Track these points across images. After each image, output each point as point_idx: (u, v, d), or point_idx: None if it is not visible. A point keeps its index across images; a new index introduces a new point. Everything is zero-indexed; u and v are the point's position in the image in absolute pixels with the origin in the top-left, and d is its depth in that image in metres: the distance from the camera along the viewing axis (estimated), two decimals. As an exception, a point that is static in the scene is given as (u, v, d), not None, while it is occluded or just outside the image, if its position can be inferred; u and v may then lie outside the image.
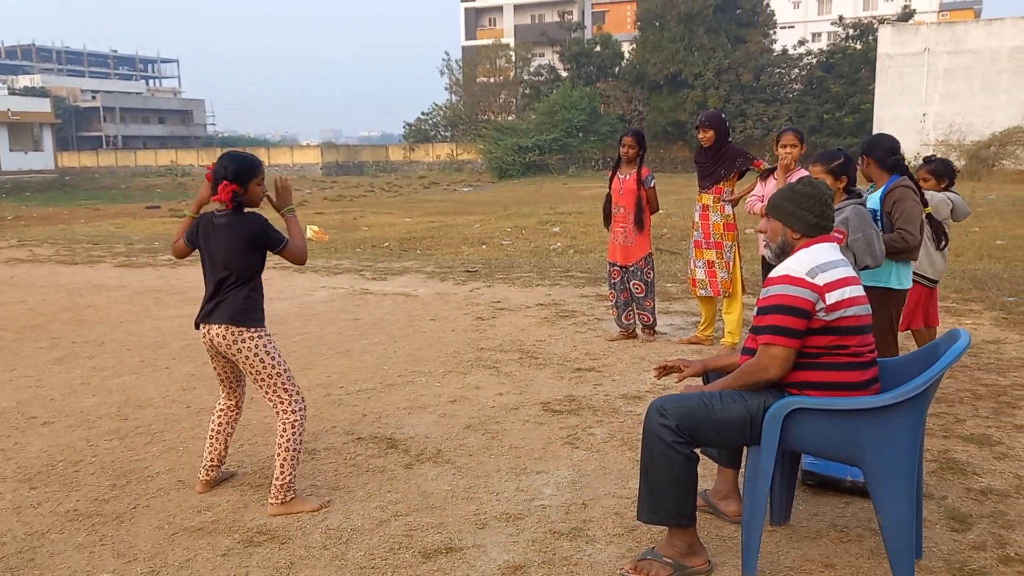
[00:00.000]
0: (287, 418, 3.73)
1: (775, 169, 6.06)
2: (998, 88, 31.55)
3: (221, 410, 3.97)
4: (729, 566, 3.18)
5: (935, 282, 5.57)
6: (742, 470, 3.62)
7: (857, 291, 3.01)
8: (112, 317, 8.15)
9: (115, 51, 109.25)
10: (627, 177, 6.67)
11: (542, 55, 58.69)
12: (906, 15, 44.33)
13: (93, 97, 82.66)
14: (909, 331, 5.63)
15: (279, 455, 3.72)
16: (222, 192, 3.61)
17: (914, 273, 5.30)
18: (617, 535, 3.47)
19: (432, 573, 3.18)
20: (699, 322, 6.79)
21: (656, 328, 6.87)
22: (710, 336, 6.64)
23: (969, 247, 12.11)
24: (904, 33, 34.37)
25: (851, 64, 42.03)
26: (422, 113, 61.10)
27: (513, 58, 59.05)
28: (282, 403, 3.73)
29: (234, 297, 3.68)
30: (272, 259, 3.87)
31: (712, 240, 6.43)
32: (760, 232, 3.39)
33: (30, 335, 7.38)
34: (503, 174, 44.78)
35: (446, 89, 63.30)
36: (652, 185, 6.66)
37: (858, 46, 42.60)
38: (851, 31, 43.76)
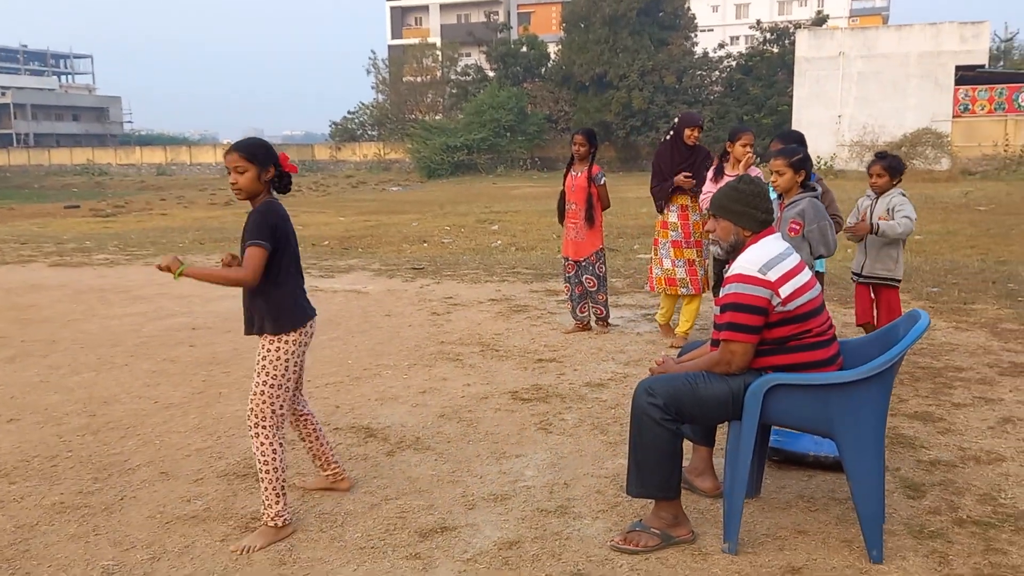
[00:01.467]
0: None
1: (723, 167, 6.33)
2: (908, 91, 32.94)
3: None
4: (709, 535, 3.39)
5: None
6: (716, 448, 3.86)
7: (806, 277, 3.25)
8: (58, 316, 7.99)
9: (25, 46, 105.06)
10: (579, 175, 6.86)
11: (469, 55, 58.76)
12: (820, 20, 45.85)
13: (3, 93, 79.48)
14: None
15: (326, 441, 3.88)
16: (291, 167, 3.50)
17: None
18: (602, 511, 3.65)
19: (431, 551, 3.31)
20: (659, 312, 6.92)
21: (609, 320, 7.09)
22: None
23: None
24: (820, 37, 35.59)
25: (769, 67, 43.27)
26: (348, 112, 60.53)
27: (440, 57, 58.98)
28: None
29: None
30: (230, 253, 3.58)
31: (693, 239, 6.54)
32: (709, 231, 3.57)
33: (-26, 335, 7.20)
34: (432, 174, 44.72)
35: (372, 88, 62.78)
36: (603, 182, 6.87)
37: (775, 50, 43.87)
38: (768, 35, 45.04)
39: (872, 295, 5.71)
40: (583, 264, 6.89)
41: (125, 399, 5.35)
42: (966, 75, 32.49)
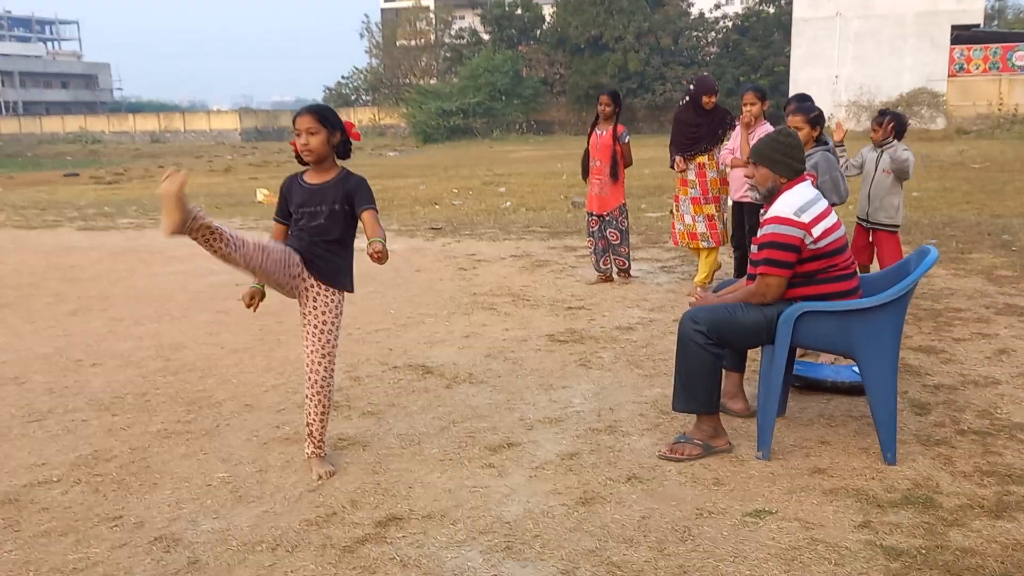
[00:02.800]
0: None
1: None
2: (904, 51, 33.26)
3: None
4: (744, 446, 3.87)
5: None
6: (745, 375, 4.34)
7: (834, 219, 3.72)
8: (103, 275, 8.41)
9: (9, 12, 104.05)
10: (604, 133, 7.28)
11: (463, 18, 58.62)
12: (816, -20, 45.91)
13: (-10, 60, 78.86)
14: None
15: None
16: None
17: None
18: (646, 429, 4.13)
19: (503, 461, 3.79)
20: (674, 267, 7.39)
21: (631, 272, 7.55)
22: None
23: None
24: (817, -2, 35.76)
25: (765, 28, 43.43)
26: (342, 77, 60.52)
27: (433, 21, 58.80)
28: None
29: None
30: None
31: (711, 195, 6.94)
32: (748, 177, 4.02)
33: (30, 292, 7.63)
34: (427, 138, 44.90)
35: (366, 52, 62.68)
36: (626, 141, 7.28)
37: (771, 10, 44.00)
38: (764, -5, 45.12)
39: (870, 239, 6.12)
40: (607, 218, 7.33)
41: (192, 345, 5.81)
42: (961, 35, 32.79)
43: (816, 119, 5.05)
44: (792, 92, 32.57)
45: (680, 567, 2.88)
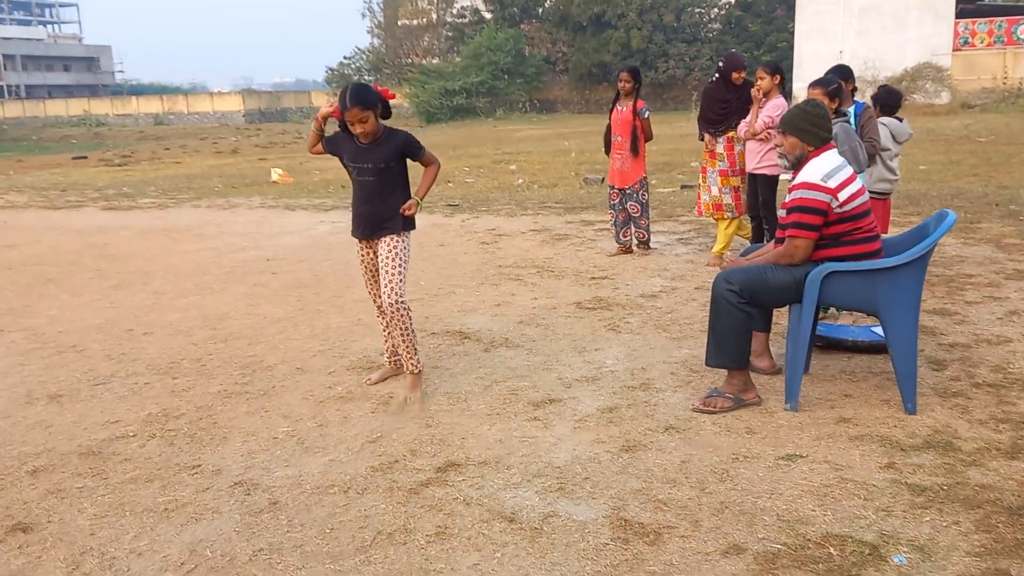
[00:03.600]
0: None
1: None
2: (908, 25, 33.24)
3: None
4: (772, 400, 4.13)
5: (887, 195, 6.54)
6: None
7: (859, 184, 3.96)
8: (138, 253, 8.66)
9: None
10: (624, 109, 7.49)
11: (464, -5, 58.41)
12: (819, -45, 45.72)
13: (-8, 44, 78.74)
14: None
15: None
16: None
17: (873, 192, 6.22)
18: (678, 386, 4.39)
19: (547, 415, 4.05)
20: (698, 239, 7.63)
21: (650, 244, 7.78)
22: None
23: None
24: (820, -27, 35.68)
25: (768, 3, 43.32)
26: (344, 57, 60.39)
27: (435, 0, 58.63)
28: None
29: None
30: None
31: (738, 168, 7.13)
32: (778, 146, 4.26)
33: (71, 268, 7.89)
34: (431, 118, 44.94)
35: (368, 32, 62.64)
36: (646, 116, 7.49)
37: (774, -15, 43.88)
38: (768, -29, 44.96)
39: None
40: (628, 192, 7.55)
41: (236, 316, 6.07)
42: (966, 8, 32.78)
43: (835, 91, 5.27)
44: (797, 68, 32.78)
45: (721, 503, 3.15)
